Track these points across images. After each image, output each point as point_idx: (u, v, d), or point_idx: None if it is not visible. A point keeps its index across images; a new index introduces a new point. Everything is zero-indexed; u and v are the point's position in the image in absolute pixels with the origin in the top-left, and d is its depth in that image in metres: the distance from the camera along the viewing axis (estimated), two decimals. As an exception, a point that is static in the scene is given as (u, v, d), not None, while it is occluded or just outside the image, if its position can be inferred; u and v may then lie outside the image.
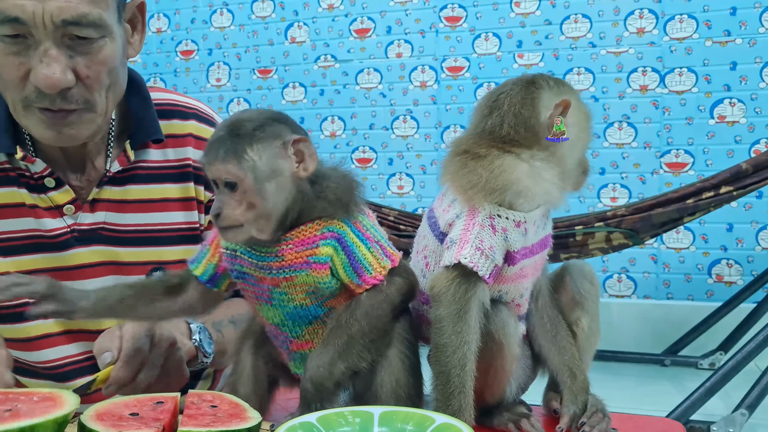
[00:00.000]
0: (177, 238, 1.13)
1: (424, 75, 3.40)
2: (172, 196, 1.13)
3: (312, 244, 0.81)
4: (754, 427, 2.11)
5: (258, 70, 3.68)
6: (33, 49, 0.92)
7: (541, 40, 3.21)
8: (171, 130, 1.13)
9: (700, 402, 2.05)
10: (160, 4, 3.81)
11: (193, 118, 1.16)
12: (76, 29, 0.92)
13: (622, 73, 3.11)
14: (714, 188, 2.36)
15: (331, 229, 0.81)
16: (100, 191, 1.08)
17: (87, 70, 0.95)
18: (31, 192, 1.06)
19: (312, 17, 3.56)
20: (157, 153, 1.12)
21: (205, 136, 1.16)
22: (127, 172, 1.10)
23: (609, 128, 3.14)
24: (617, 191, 3.14)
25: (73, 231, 1.07)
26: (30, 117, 0.97)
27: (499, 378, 0.85)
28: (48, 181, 1.06)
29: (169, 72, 3.81)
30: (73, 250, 1.07)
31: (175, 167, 1.14)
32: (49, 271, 1.06)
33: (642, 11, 3.08)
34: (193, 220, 1.14)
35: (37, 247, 1.06)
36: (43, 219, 1.06)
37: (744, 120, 2.96)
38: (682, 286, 3.08)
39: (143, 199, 1.11)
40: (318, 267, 0.81)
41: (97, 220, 1.08)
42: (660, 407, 2.20)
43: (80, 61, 0.94)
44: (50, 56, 0.92)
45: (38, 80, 0.92)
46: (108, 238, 1.09)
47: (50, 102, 0.94)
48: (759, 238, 2.97)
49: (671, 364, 2.81)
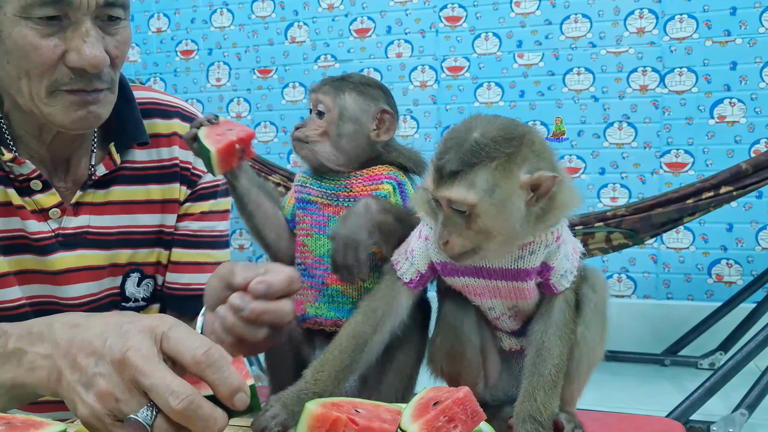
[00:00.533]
0: (153, 241, 1.12)
1: (424, 75, 3.40)
2: (156, 198, 1.12)
3: (377, 180, 0.94)
4: (753, 427, 2.11)
5: (258, 70, 3.68)
6: (71, 31, 0.91)
7: (541, 40, 3.21)
8: (154, 130, 1.12)
9: (700, 402, 2.05)
10: (160, 4, 3.81)
11: (177, 117, 1.15)
12: (111, 9, 0.94)
13: (622, 73, 3.11)
14: (714, 188, 2.37)
15: (395, 174, 0.95)
16: (84, 194, 1.06)
17: (116, 50, 0.96)
18: (18, 193, 1.03)
19: (312, 17, 3.56)
20: (141, 153, 1.11)
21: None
22: (111, 174, 1.08)
23: (609, 128, 3.14)
24: (617, 191, 3.14)
25: (57, 236, 1.05)
26: (56, 102, 0.95)
27: (462, 375, 0.89)
28: (34, 184, 1.03)
29: (169, 72, 3.81)
30: (58, 254, 1.05)
31: (161, 167, 1.12)
32: (34, 273, 1.04)
33: (642, 11, 3.08)
34: (170, 223, 1.13)
35: (23, 248, 1.04)
36: (28, 221, 1.03)
37: (744, 120, 2.96)
38: (682, 286, 3.08)
39: (126, 200, 1.10)
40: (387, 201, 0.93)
41: (80, 224, 1.06)
42: (660, 407, 2.20)
43: (110, 41, 0.95)
44: (92, 36, 0.92)
45: (83, 60, 0.91)
46: (91, 241, 1.07)
47: (86, 83, 0.94)
48: (759, 238, 2.97)
49: (671, 364, 2.81)
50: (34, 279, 1.05)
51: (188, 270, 1.15)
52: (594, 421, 0.95)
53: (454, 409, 0.68)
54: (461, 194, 0.75)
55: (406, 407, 0.71)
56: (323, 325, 0.96)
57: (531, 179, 0.75)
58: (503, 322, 0.88)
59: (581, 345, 0.84)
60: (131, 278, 1.12)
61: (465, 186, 0.75)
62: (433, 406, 0.69)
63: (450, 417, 0.67)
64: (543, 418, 0.79)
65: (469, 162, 0.75)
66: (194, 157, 1.13)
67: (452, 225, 0.77)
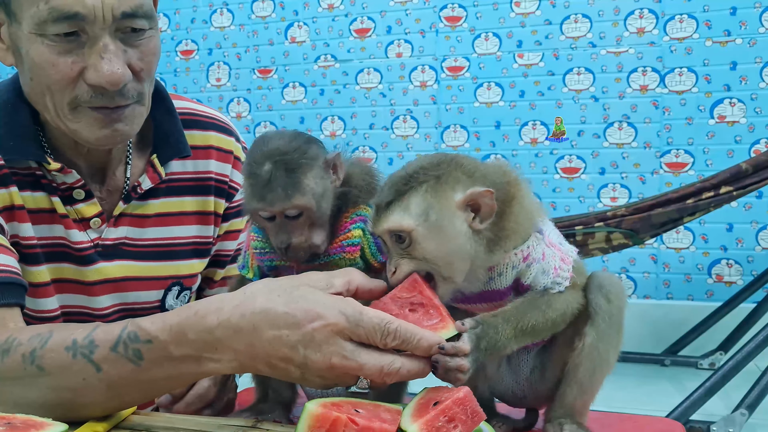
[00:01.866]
0: (191, 252, 1.12)
1: (424, 75, 3.40)
2: (189, 210, 1.11)
3: (345, 230, 0.89)
4: (753, 427, 2.11)
5: (258, 70, 3.68)
6: (88, 46, 0.89)
7: (541, 40, 3.21)
8: (192, 141, 1.10)
9: (700, 402, 2.05)
10: (160, 4, 3.78)
11: (213, 129, 1.14)
12: (132, 21, 0.90)
13: (622, 73, 3.11)
14: (714, 188, 2.37)
15: (359, 214, 0.90)
16: (127, 206, 1.06)
17: (140, 63, 0.93)
18: (62, 202, 1.02)
19: (312, 17, 3.57)
20: (177, 165, 1.10)
21: (226, 147, 1.14)
22: (155, 187, 1.07)
23: (609, 128, 3.14)
24: (617, 191, 3.14)
25: (96, 246, 1.04)
26: (80, 119, 0.92)
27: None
28: (77, 193, 1.02)
29: (169, 72, 3.81)
30: (96, 265, 1.04)
31: (196, 179, 1.11)
32: (73, 283, 1.03)
33: (642, 11, 3.08)
34: (207, 234, 1.13)
35: (63, 256, 1.03)
36: (70, 230, 1.02)
37: (744, 120, 2.96)
38: (682, 286, 3.08)
39: (163, 212, 1.09)
40: (351, 249, 0.88)
41: (119, 235, 1.06)
42: (660, 407, 2.20)
43: (133, 54, 0.92)
44: (110, 51, 0.88)
45: (101, 77, 0.88)
46: (128, 252, 1.07)
47: (108, 99, 0.91)
48: (759, 238, 2.97)
49: (671, 364, 2.81)
50: (70, 288, 1.04)
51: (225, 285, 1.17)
52: (594, 421, 0.95)
53: (454, 409, 0.68)
54: (396, 221, 0.76)
55: (406, 407, 0.71)
56: None
57: (464, 197, 0.75)
58: None
59: (590, 352, 0.82)
60: (172, 291, 1.12)
61: (399, 213, 0.76)
62: (433, 406, 0.69)
63: (450, 417, 0.68)
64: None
65: (401, 191, 0.76)
66: (231, 170, 1.14)
67: (398, 256, 0.77)
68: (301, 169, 0.83)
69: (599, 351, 0.83)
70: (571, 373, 0.83)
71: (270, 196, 0.82)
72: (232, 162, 1.14)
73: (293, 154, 0.84)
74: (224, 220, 1.15)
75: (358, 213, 0.90)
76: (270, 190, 0.82)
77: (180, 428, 0.82)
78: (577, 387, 0.83)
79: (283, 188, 0.82)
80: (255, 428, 0.82)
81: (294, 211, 0.83)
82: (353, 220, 0.89)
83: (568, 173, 3.20)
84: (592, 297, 0.84)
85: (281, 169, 0.83)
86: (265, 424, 0.85)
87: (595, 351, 0.82)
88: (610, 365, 0.84)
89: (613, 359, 0.85)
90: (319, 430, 0.67)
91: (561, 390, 0.85)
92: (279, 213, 0.84)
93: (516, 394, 0.91)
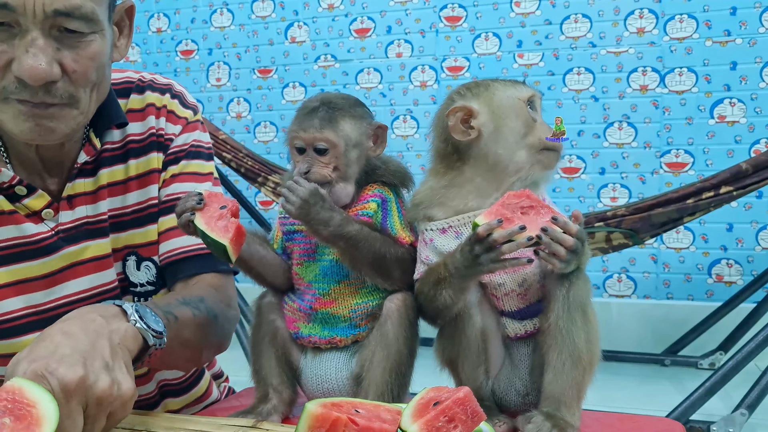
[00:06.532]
0: (145, 218, 1.10)
1: (424, 75, 3.40)
2: (134, 174, 1.10)
3: (363, 201, 0.96)
4: (754, 427, 2.11)
5: (258, 70, 3.68)
6: (19, 38, 0.88)
7: (541, 40, 3.21)
8: (130, 106, 1.11)
9: (700, 402, 2.05)
10: (160, 4, 3.81)
11: (149, 90, 1.14)
12: (67, 21, 0.89)
13: (622, 73, 3.11)
14: (714, 188, 2.37)
15: (380, 191, 0.97)
16: (73, 185, 1.05)
17: (74, 65, 0.91)
18: (7, 200, 1.01)
19: (312, 17, 3.56)
20: (118, 133, 1.10)
21: (158, 103, 1.13)
22: (95, 159, 1.06)
23: (609, 128, 3.14)
24: (617, 191, 3.14)
25: (57, 232, 1.03)
26: (7, 110, 0.92)
27: (459, 358, 0.92)
28: (19, 189, 1.01)
29: (169, 72, 3.81)
30: (62, 251, 1.03)
31: (139, 141, 1.11)
32: (41, 279, 1.02)
33: (642, 11, 3.08)
34: (154, 195, 1.11)
35: (24, 255, 1.02)
36: (23, 225, 1.01)
37: (744, 120, 2.96)
38: (682, 286, 3.08)
39: (112, 182, 1.08)
40: (364, 220, 0.94)
41: (78, 216, 1.05)
42: (660, 407, 2.20)
43: (68, 54, 0.90)
44: (37, 46, 0.87)
45: (22, 71, 0.87)
46: (92, 231, 1.06)
47: (31, 94, 0.90)
48: (759, 238, 2.97)
49: (671, 364, 2.81)
50: (36, 287, 1.03)
51: (172, 236, 1.11)
52: (594, 421, 0.95)
53: (454, 409, 0.68)
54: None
55: (406, 407, 0.71)
56: (317, 343, 0.97)
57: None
58: (511, 300, 0.89)
59: (558, 336, 0.84)
60: (129, 262, 1.10)
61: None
62: (433, 406, 0.69)
63: (450, 417, 0.68)
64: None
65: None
66: (165, 123, 1.13)
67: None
68: (343, 113, 0.93)
69: (561, 331, 0.83)
70: (546, 359, 0.85)
71: (306, 123, 0.92)
72: (165, 115, 1.14)
73: (344, 103, 0.95)
74: (163, 170, 1.13)
75: (380, 191, 0.97)
76: (309, 119, 0.92)
77: (180, 428, 0.82)
78: (552, 373, 0.84)
79: (320, 120, 0.92)
80: (255, 428, 0.82)
81: (323, 144, 0.92)
82: (374, 194, 0.96)
83: (568, 173, 3.20)
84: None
85: (327, 107, 0.93)
86: (265, 424, 0.85)
87: (558, 331, 0.84)
88: (578, 348, 0.83)
89: (582, 341, 0.84)
90: (319, 430, 0.67)
91: (543, 379, 0.86)
92: (309, 143, 0.92)
93: (519, 391, 0.91)
